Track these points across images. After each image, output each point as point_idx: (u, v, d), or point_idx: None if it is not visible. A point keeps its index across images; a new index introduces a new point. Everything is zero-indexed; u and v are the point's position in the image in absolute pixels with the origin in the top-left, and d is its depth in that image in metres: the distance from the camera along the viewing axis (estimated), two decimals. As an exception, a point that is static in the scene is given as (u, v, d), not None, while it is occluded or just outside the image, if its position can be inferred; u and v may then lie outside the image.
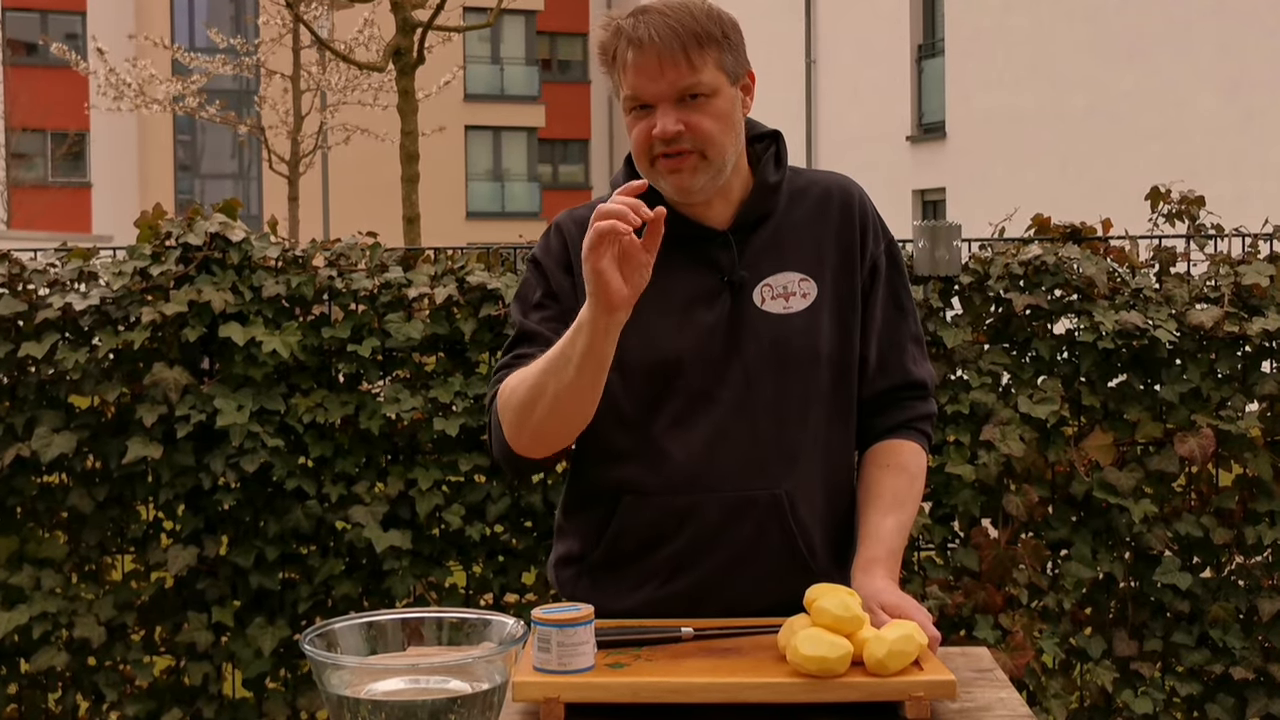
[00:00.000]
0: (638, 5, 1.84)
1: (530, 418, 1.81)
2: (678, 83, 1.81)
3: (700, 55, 1.81)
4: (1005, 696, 1.70)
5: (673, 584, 1.92)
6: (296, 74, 16.90)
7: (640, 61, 1.81)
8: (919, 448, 2.01)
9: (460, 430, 3.56)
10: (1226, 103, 13.14)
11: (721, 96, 1.84)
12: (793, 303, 1.90)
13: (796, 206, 1.96)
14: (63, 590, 3.55)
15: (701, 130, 1.82)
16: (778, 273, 1.91)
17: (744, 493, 1.89)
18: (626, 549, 1.94)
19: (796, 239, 1.93)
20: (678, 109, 1.82)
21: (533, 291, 1.95)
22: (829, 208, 1.96)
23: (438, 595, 3.67)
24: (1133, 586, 3.68)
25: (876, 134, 19.26)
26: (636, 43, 1.81)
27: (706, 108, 1.83)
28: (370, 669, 1.29)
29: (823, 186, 1.98)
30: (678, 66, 1.80)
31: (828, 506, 1.96)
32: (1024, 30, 16.12)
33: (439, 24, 9.78)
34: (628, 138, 1.89)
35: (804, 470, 1.92)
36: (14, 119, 27.31)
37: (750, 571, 1.91)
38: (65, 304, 3.47)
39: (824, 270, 1.93)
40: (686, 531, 1.91)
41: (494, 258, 3.75)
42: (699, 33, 1.81)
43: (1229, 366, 3.66)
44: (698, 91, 1.82)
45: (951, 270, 3.64)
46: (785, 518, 1.90)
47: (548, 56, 34.97)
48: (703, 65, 1.81)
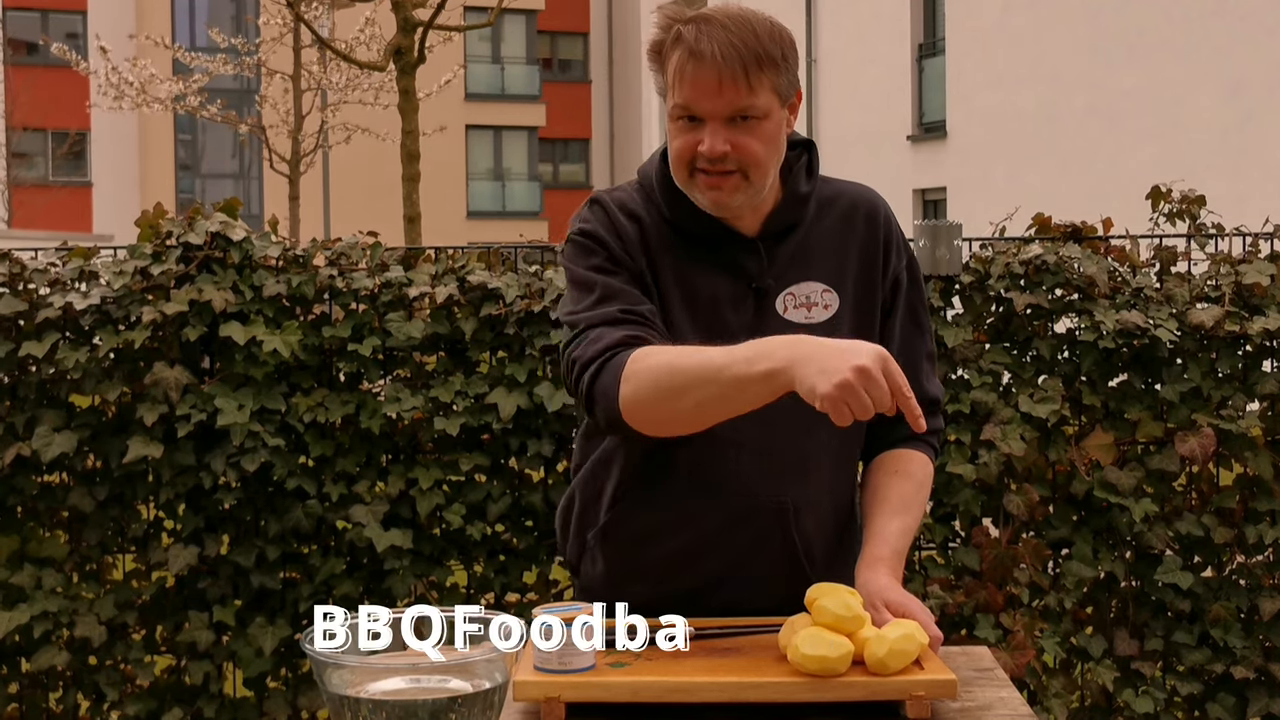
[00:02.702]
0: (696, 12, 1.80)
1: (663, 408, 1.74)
2: (735, 103, 1.78)
3: (759, 77, 1.78)
4: (1006, 696, 1.70)
5: (667, 584, 1.92)
6: (297, 73, 16.88)
7: (698, 75, 1.78)
8: (926, 459, 2.01)
9: (461, 429, 3.56)
10: (1226, 103, 13.14)
11: (771, 119, 1.82)
12: (814, 313, 1.90)
13: (823, 217, 1.95)
14: (63, 590, 3.55)
15: (749, 152, 1.80)
16: (801, 282, 1.90)
17: (751, 499, 1.89)
18: (623, 542, 1.94)
19: (822, 249, 1.93)
20: (727, 128, 1.79)
21: (594, 255, 1.87)
22: (855, 220, 1.96)
23: (438, 595, 3.67)
24: (1134, 586, 3.68)
25: (877, 133, 19.25)
26: (698, 55, 1.77)
27: (756, 130, 1.80)
28: (370, 668, 1.29)
29: (850, 199, 1.97)
30: (736, 87, 1.77)
31: (831, 517, 1.97)
32: (1024, 30, 16.12)
33: (440, 23, 9.77)
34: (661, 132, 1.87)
35: (812, 480, 1.92)
36: (14, 118, 27.30)
37: (748, 577, 1.91)
38: (66, 303, 3.47)
39: (846, 282, 1.93)
40: (687, 533, 1.91)
41: (495, 257, 3.75)
42: (760, 54, 1.78)
43: (1229, 366, 3.66)
44: (750, 114, 1.79)
45: (952, 269, 3.63)
46: (789, 527, 1.91)
47: (548, 56, 34.98)
48: (760, 88, 1.79)
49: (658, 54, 1.85)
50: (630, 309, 1.82)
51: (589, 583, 2.01)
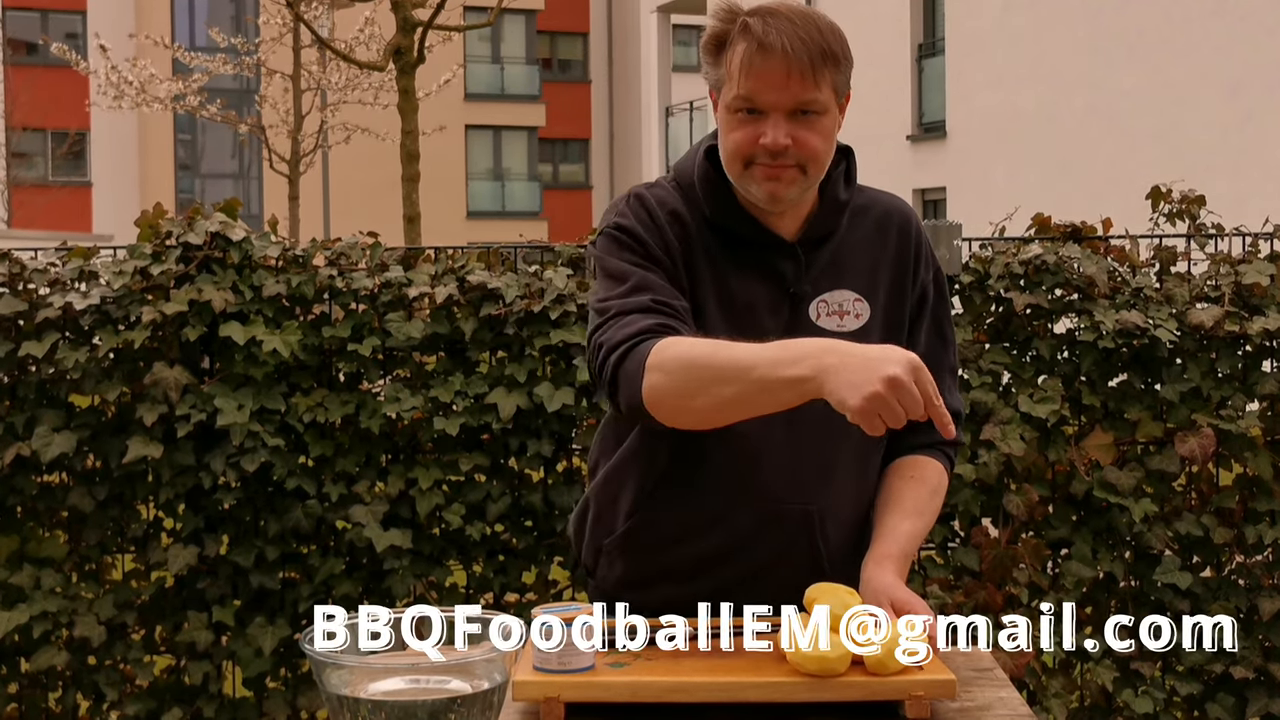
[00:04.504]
0: (757, 4, 1.80)
1: (686, 401, 1.71)
2: (800, 95, 1.79)
3: (823, 73, 1.79)
4: (1005, 696, 1.70)
5: (692, 585, 1.92)
6: (297, 73, 16.88)
7: (765, 67, 1.78)
8: (942, 468, 2.01)
9: (460, 429, 3.56)
10: (1226, 103, 13.13)
11: (829, 116, 1.83)
12: (846, 321, 1.90)
13: (857, 226, 1.95)
14: (63, 590, 3.55)
15: (809, 147, 1.81)
16: (835, 289, 1.91)
17: (778, 505, 1.90)
18: (648, 542, 1.94)
19: (855, 258, 1.93)
20: (788, 122, 1.80)
21: (630, 250, 1.85)
22: (888, 231, 1.96)
23: (438, 595, 3.67)
24: (1133, 586, 3.68)
25: (877, 133, 19.23)
26: (765, 47, 1.77)
27: (816, 125, 1.81)
28: (370, 669, 1.29)
29: (883, 209, 1.98)
30: (803, 81, 1.78)
31: (854, 524, 1.97)
32: (1024, 30, 16.11)
33: (439, 23, 9.77)
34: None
35: (838, 488, 1.93)
36: (14, 118, 27.29)
37: (771, 582, 1.91)
38: (66, 303, 3.47)
39: (878, 292, 1.93)
40: (714, 536, 1.91)
41: (494, 257, 3.75)
42: (825, 50, 1.79)
43: (1229, 366, 3.66)
44: (812, 109, 1.80)
45: (952, 270, 3.64)
46: (814, 533, 1.91)
47: (548, 56, 34.96)
48: (823, 83, 1.79)
49: (718, 46, 1.84)
50: (663, 300, 1.80)
51: (606, 585, 2.01)
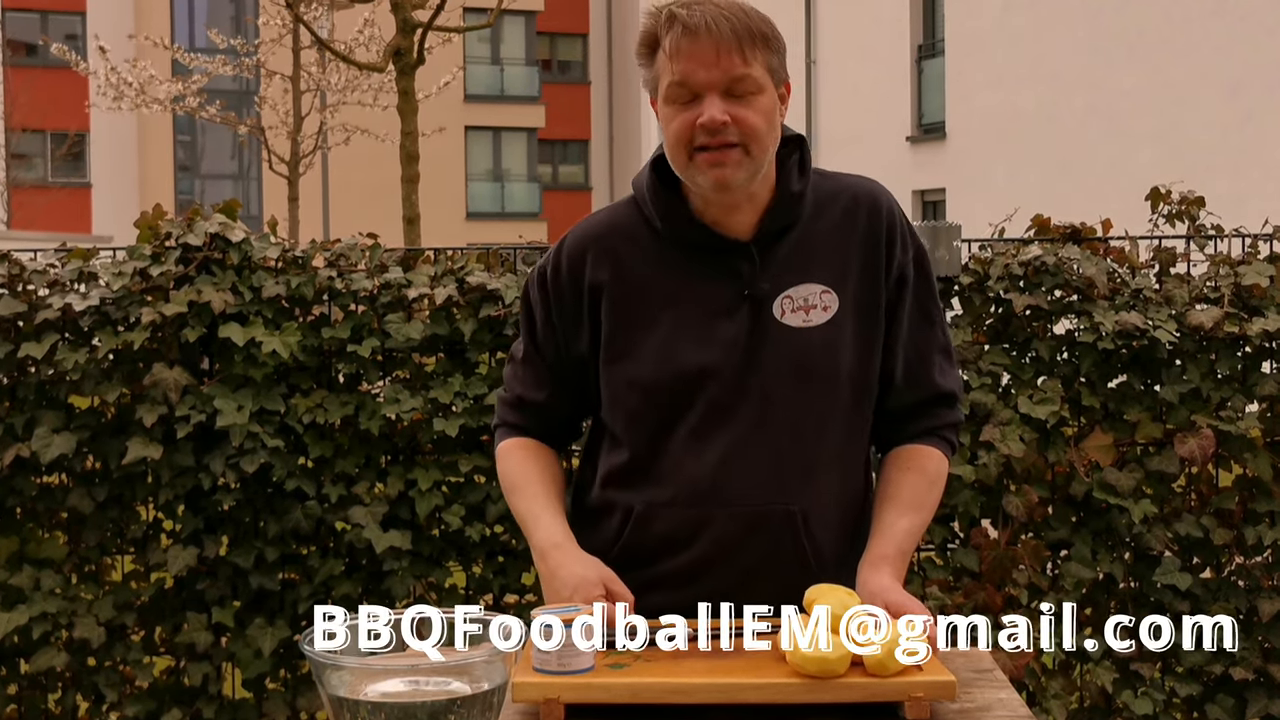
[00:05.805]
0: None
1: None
2: (731, 71, 1.79)
3: (752, 51, 1.81)
4: (1005, 697, 1.70)
5: (684, 591, 1.91)
6: (296, 74, 16.88)
7: (694, 48, 1.79)
8: (941, 455, 1.99)
9: (460, 430, 3.56)
10: (1226, 103, 13.14)
11: (766, 95, 1.83)
12: (813, 315, 1.88)
13: (822, 214, 1.92)
14: (62, 591, 3.55)
15: (748, 124, 1.81)
16: (799, 284, 1.88)
17: (758, 508, 1.89)
18: (639, 558, 1.93)
19: (822, 249, 1.90)
20: (725, 100, 1.80)
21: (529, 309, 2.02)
22: (856, 216, 1.93)
23: (437, 596, 3.67)
24: (1133, 587, 3.68)
25: (876, 134, 19.25)
26: (691, 29, 1.80)
27: (753, 103, 1.81)
28: (370, 669, 1.29)
29: (851, 194, 1.95)
30: (732, 57, 1.79)
31: (840, 521, 1.96)
32: (1024, 30, 16.12)
33: (439, 24, 9.77)
34: (659, 135, 1.87)
35: (819, 486, 1.91)
36: (14, 119, 27.28)
37: (762, 584, 1.90)
38: (65, 304, 3.47)
39: (847, 281, 1.90)
40: (699, 544, 1.91)
41: (494, 258, 3.75)
42: (752, 29, 1.81)
43: (1229, 367, 3.66)
44: (745, 86, 1.81)
45: (951, 271, 3.63)
46: (798, 533, 1.90)
47: (548, 57, 34.96)
48: (754, 60, 1.81)
49: (651, 46, 1.86)
50: (523, 397, 2.02)
51: None
